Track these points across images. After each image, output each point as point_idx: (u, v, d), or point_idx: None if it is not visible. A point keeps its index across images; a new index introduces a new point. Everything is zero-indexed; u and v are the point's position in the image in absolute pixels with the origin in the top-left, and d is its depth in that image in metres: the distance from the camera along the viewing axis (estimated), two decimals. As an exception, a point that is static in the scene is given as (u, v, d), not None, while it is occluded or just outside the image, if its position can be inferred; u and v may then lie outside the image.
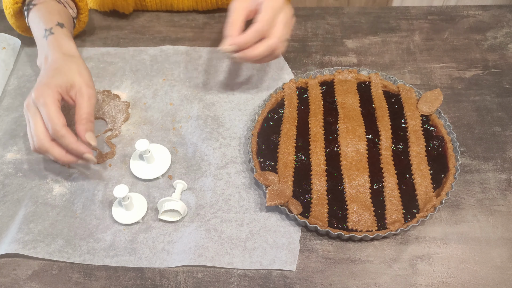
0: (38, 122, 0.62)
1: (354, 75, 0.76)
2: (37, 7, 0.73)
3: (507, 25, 0.88)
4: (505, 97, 0.77)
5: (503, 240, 0.61)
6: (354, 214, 0.61)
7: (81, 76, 0.66)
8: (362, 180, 0.64)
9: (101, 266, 0.60)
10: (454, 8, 0.92)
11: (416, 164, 0.65)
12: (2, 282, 0.59)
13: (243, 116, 0.75)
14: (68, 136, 0.61)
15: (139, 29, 0.90)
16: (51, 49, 0.68)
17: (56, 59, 0.67)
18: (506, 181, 0.67)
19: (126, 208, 0.63)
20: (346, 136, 0.68)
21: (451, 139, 0.67)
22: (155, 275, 0.60)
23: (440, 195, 0.61)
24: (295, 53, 0.85)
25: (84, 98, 0.64)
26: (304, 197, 0.63)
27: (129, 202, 0.62)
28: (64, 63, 0.66)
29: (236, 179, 0.67)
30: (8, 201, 0.67)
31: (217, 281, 0.59)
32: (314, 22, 0.90)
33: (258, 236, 0.62)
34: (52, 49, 0.68)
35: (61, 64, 0.66)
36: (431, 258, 0.60)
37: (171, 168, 0.69)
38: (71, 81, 0.65)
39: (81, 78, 0.66)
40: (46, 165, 0.70)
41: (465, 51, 0.84)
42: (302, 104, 0.74)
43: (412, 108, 0.71)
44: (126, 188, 0.61)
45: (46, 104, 0.61)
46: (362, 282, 0.58)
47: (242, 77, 0.81)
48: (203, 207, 0.65)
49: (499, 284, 0.58)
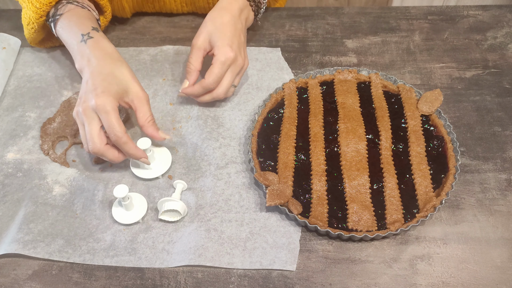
0: (94, 127, 0.63)
1: (354, 75, 0.76)
2: (64, 16, 0.72)
3: (507, 25, 0.88)
4: (505, 97, 0.77)
5: (503, 240, 0.61)
6: (354, 214, 0.61)
7: (134, 80, 0.67)
8: (362, 180, 0.64)
9: (101, 266, 0.60)
10: (454, 8, 0.92)
11: (416, 164, 0.65)
12: (2, 282, 0.59)
13: (243, 116, 0.75)
14: (129, 142, 0.63)
15: (139, 29, 0.90)
16: (95, 52, 0.68)
17: (104, 63, 0.67)
18: (506, 181, 0.67)
19: (126, 208, 0.63)
20: (346, 136, 0.68)
21: (451, 139, 0.67)
22: (155, 275, 0.60)
23: (440, 195, 0.61)
24: (295, 53, 0.85)
25: (144, 102, 0.66)
26: (304, 197, 0.63)
27: (129, 202, 0.62)
28: (115, 67, 0.66)
29: (236, 179, 0.67)
30: (8, 201, 0.67)
31: (217, 281, 0.59)
32: (314, 22, 0.90)
33: (258, 236, 0.62)
34: (96, 52, 0.68)
35: (113, 68, 0.66)
36: (431, 258, 0.60)
37: (171, 168, 0.69)
38: (126, 87, 0.66)
39: (135, 82, 0.67)
40: (46, 165, 0.70)
41: (465, 51, 0.84)
42: (302, 104, 0.74)
43: (412, 108, 0.71)
44: (126, 188, 0.61)
45: (107, 112, 0.62)
46: (362, 282, 0.58)
47: (242, 77, 0.81)
48: (203, 207, 0.65)
49: (499, 284, 0.58)
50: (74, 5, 0.73)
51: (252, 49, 0.85)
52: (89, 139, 0.63)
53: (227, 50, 0.69)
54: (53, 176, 0.69)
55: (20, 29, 0.82)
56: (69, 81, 0.82)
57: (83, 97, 0.64)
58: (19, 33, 0.86)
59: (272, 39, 0.88)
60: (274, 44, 0.86)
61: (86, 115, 0.63)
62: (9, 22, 0.93)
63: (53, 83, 0.81)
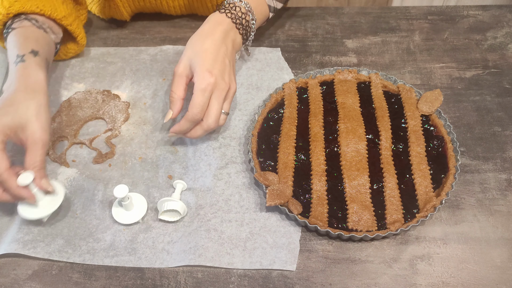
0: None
1: (354, 75, 0.76)
2: (15, 31, 0.69)
3: (507, 25, 0.88)
4: (505, 97, 0.77)
5: (503, 240, 0.61)
6: (354, 214, 0.61)
7: (37, 119, 0.61)
8: (362, 180, 0.64)
9: (101, 266, 0.60)
10: (454, 8, 0.92)
11: (416, 164, 0.65)
12: (2, 282, 0.59)
13: (243, 116, 0.75)
14: (9, 180, 0.59)
15: (139, 29, 0.90)
16: (17, 78, 0.64)
17: (16, 92, 0.62)
18: (506, 181, 0.67)
19: (126, 208, 0.63)
20: (346, 136, 0.68)
21: (451, 139, 0.67)
22: (155, 275, 0.60)
23: (440, 195, 0.61)
24: (295, 53, 0.85)
25: (38, 145, 0.60)
26: (304, 197, 0.63)
27: (129, 202, 0.62)
28: (23, 99, 0.62)
29: (236, 179, 0.67)
30: (8, 201, 0.67)
31: (217, 281, 0.59)
32: (314, 22, 0.90)
33: (258, 236, 0.62)
34: (17, 79, 0.64)
35: (19, 100, 0.61)
36: (431, 258, 0.60)
37: (171, 168, 0.69)
38: (24, 123, 0.60)
39: (37, 121, 0.61)
40: (46, 165, 0.70)
41: (465, 51, 0.84)
42: (302, 104, 0.74)
43: (412, 108, 0.71)
44: (126, 188, 0.61)
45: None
46: (362, 282, 0.58)
47: (242, 77, 0.81)
48: (203, 207, 0.65)
49: (499, 284, 0.58)
50: (31, 23, 0.70)
51: (252, 49, 0.85)
52: None
53: (206, 75, 0.65)
54: (53, 176, 0.69)
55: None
56: (69, 81, 0.82)
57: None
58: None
59: (272, 39, 0.88)
60: (274, 44, 0.86)
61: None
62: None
63: (52, 83, 0.81)
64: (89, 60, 0.85)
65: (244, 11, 0.72)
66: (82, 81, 0.82)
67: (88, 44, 0.88)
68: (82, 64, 0.84)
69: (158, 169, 0.69)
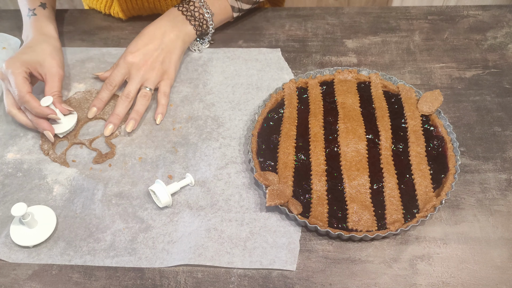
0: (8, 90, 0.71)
1: (354, 75, 0.76)
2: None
3: (507, 25, 0.88)
4: (505, 97, 0.77)
5: (503, 240, 0.61)
6: (354, 214, 0.61)
7: (53, 58, 0.73)
8: (362, 180, 0.64)
9: (101, 266, 0.60)
10: (454, 8, 0.92)
11: (416, 164, 0.65)
12: (2, 282, 0.59)
13: (243, 116, 0.75)
14: (32, 101, 0.68)
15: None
16: (32, 30, 0.77)
17: (33, 39, 0.75)
18: (506, 181, 0.67)
19: (28, 226, 0.62)
20: (346, 136, 0.68)
21: (451, 139, 0.67)
22: (155, 275, 0.60)
23: (440, 195, 0.61)
24: (295, 53, 0.85)
25: (55, 77, 0.72)
26: (304, 197, 0.63)
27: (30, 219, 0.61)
28: (39, 43, 0.74)
29: (236, 179, 0.67)
30: (8, 201, 0.67)
31: (217, 281, 0.59)
32: (314, 22, 0.90)
33: (258, 236, 0.62)
34: (32, 30, 0.76)
35: (36, 44, 0.74)
36: (431, 258, 0.60)
37: (171, 168, 0.69)
38: (41, 60, 0.72)
39: (53, 59, 0.73)
40: (46, 165, 0.70)
41: (465, 51, 0.84)
42: (302, 104, 0.74)
43: (412, 108, 0.71)
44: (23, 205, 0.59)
45: (13, 73, 0.69)
46: (362, 282, 0.58)
47: (242, 77, 0.81)
48: (203, 207, 0.65)
49: (499, 284, 0.58)
50: None
51: (252, 50, 0.85)
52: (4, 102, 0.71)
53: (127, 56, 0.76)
54: (53, 176, 0.69)
55: (20, 29, 0.82)
56: (68, 81, 0.82)
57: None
58: (19, 33, 0.86)
59: (272, 39, 0.88)
60: (274, 44, 0.87)
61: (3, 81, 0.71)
62: (9, 22, 0.93)
63: (53, 83, 0.81)
64: (89, 60, 0.85)
65: (198, 6, 0.80)
66: (82, 81, 0.82)
67: (88, 44, 0.88)
68: (82, 64, 0.84)
69: (158, 169, 0.69)
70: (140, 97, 0.74)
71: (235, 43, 0.87)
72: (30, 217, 0.61)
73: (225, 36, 0.88)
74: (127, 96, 0.74)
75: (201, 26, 0.81)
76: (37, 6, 0.79)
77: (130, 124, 0.72)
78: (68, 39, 0.90)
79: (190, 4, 0.80)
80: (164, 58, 0.77)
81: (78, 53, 0.86)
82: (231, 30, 0.89)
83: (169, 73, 0.77)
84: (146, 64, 0.76)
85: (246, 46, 0.86)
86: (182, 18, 0.79)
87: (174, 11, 0.80)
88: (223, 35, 0.88)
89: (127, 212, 0.65)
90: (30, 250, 0.62)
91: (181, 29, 0.79)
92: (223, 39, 0.88)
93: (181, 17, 0.79)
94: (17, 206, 0.59)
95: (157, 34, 0.77)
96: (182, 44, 0.79)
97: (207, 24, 0.81)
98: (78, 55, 0.86)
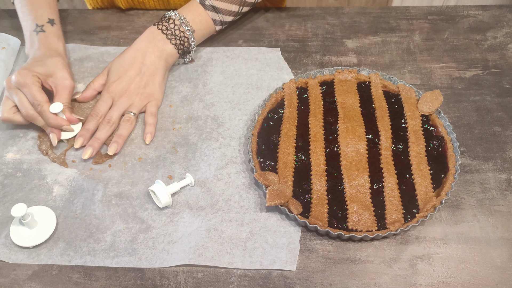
0: (23, 97, 0.70)
1: (354, 75, 0.76)
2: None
3: (507, 25, 0.88)
4: (505, 97, 0.77)
5: (503, 240, 0.61)
6: (354, 214, 0.61)
7: (64, 69, 0.74)
8: (362, 180, 0.64)
9: (101, 266, 0.60)
10: (454, 8, 0.92)
11: (416, 164, 0.65)
12: (2, 282, 0.59)
13: (243, 116, 0.75)
14: (48, 111, 0.69)
15: (139, 29, 0.90)
16: (41, 46, 0.76)
17: (42, 54, 0.75)
18: (506, 181, 0.67)
19: (29, 226, 0.62)
20: (346, 136, 0.68)
21: (451, 139, 0.67)
22: (155, 275, 0.60)
23: (440, 195, 0.61)
24: (295, 53, 0.85)
25: (67, 89, 0.73)
26: (304, 197, 0.63)
27: (30, 219, 0.61)
28: (49, 57, 0.75)
29: (236, 179, 0.67)
30: (8, 201, 0.67)
31: (217, 281, 0.59)
32: (314, 22, 0.90)
33: (258, 236, 0.62)
34: (41, 46, 0.76)
35: (46, 57, 0.74)
36: (431, 258, 0.60)
37: (171, 168, 0.69)
38: (52, 71, 0.73)
39: (65, 70, 0.74)
40: (45, 165, 0.70)
41: (465, 51, 0.84)
42: (302, 104, 0.74)
43: (412, 108, 0.71)
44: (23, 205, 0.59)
45: (27, 85, 0.69)
46: (362, 282, 0.58)
47: (242, 77, 0.81)
48: (203, 208, 0.65)
49: (499, 284, 0.58)
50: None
51: (251, 49, 0.85)
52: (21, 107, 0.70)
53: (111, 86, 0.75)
54: (52, 176, 0.69)
55: (20, 29, 0.82)
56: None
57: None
58: (19, 33, 0.86)
59: (272, 39, 0.88)
60: (274, 44, 0.86)
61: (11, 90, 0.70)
62: (9, 22, 0.93)
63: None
64: (88, 59, 0.85)
65: (178, 23, 0.77)
66: (81, 80, 0.82)
67: (88, 44, 0.88)
68: (81, 63, 0.84)
69: (158, 169, 0.69)
70: (123, 122, 0.73)
71: (235, 43, 0.87)
72: (30, 217, 0.61)
73: (225, 36, 0.88)
74: (108, 122, 0.72)
75: (182, 44, 0.78)
76: (45, 22, 0.78)
77: (112, 148, 0.70)
78: (67, 39, 0.89)
79: (170, 22, 0.77)
80: (147, 81, 0.75)
81: (76, 51, 0.86)
82: (231, 30, 0.89)
83: (154, 95, 0.76)
84: (128, 90, 0.74)
85: (246, 46, 0.86)
86: (162, 37, 0.76)
87: (153, 30, 0.77)
88: (223, 35, 0.88)
89: (127, 213, 0.65)
90: (30, 251, 0.62)
91: (163, 50, 0.77)
92: (223, 39, 0.88)
93: (161, 36, 0.76)
94: (17, 206, 0.59)
95: (138, 57, 0.75)
96: (164, 64, 0.77)
97: (188, 42, 0.78)
98: (77, 53, 0.86)
